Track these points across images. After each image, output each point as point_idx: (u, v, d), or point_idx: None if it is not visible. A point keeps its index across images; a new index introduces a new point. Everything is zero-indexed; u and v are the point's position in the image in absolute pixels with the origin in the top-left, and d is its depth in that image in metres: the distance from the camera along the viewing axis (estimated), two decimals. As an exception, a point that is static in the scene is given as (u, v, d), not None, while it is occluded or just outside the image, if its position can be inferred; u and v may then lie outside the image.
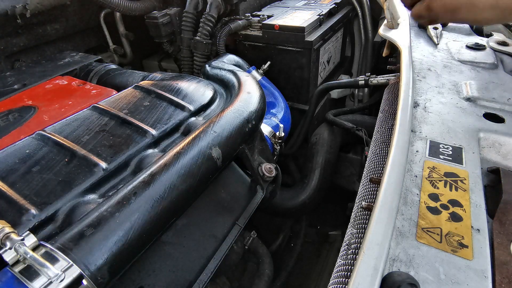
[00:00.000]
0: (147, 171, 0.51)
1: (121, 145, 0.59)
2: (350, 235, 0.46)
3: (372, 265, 0.36)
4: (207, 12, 1.15)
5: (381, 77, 0.99)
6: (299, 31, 1.11)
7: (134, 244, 0.44)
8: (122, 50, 1.39)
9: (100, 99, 0.74)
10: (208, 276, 0.57)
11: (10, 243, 0.37)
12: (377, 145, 0.61)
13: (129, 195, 0.46)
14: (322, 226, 1.21)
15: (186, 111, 0.71)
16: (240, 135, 0.65)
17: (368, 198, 0.50)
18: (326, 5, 1.35)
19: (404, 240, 0.40)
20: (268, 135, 1.00)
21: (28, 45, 1.10)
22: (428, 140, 0.55)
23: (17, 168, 0.53)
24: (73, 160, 0.55)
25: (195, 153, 0.55)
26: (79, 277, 0.38)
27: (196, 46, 1.16)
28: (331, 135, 1.06)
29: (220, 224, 0.64)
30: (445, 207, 0.43)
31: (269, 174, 0.74)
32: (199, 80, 0.82)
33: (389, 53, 1.00)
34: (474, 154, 0.52)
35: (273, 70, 1.22)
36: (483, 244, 0.39)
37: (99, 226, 0.42)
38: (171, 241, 0.56)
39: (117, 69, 0.97)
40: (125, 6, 1.17)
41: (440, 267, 0.37)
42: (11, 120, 0.70)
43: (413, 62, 0.78)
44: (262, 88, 0.79)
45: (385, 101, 0.77)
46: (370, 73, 1.03)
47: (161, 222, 0.48)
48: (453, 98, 0.65)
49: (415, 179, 0.48)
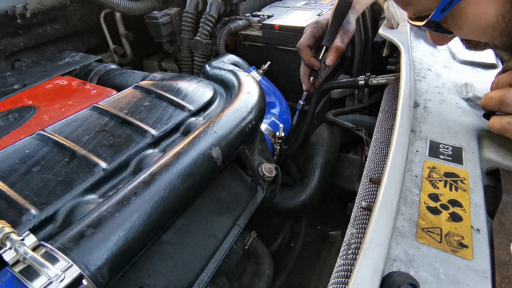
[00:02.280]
0: (147, 171, 0.51)
1: (121, 145, 0.59)
2: (350, 235, 0.46)
3: (372, 265, 0.36)
4: (207, 12, 1.15)
5: (381, 77, 0.99)
6: (299, 31, 1.11)
7: (134, 244, 0.44)
8: (122, 50, 1.39)
9: (100, 99, 0.74)
10: (208, 276, 0.57)
11: (10, 243, 0.37)
12: (377, 145, 0.61)
13: (129, 195, 0.46)
14: (322, 226, 1.20)
15: (186, 111, 0.71)
16: (240, 135, 0.65)
17: (368, 198, 0.50)
18: (326, 5, 1.35)
19: (404, 240, 0.40)
20: (268, 135, 1.00)
21: (28, 45, 1.10)
22: (428, 140, 0.55)
23: (17, 168, 0.53)
24: (73, 160, 0.55)
25: (195, 153, 0.55)
26: (79, 277, 0.38)
27: (196, 46, 1.16)
28: (331, 135, 1.06)
29: (220, 224, 0.64)
30: (445, 207, 0.43)
31: (269, 174, 0.74)
32: (199, 80, 0.82)
33: (389, 53, 1.00)
34: (474, 154, 0.52)
35: (273, 70, 1.22)
36: (483, 244, 0.39)
37: (99, 226, 0.42)
38: (171, 241, 0.56)
39: (117, 69, 0.97)
40: (125, 6, 1.17)
41: (440, 267, 0.37)
42: (11, 120, 0.70)
43: (413, 62, 0.78)
44: (262, 88, 0.79)
45: (385, 101, 0.77)
46: (370, 73, 1.03)
47: (161, 222, 0.48)
48: (453, 98, 0.65)
49: (415, 179, 0.48)
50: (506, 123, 0.48)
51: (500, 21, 0.44)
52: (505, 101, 0.48)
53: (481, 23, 0.46)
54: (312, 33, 0.94)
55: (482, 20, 0.45)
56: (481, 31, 0.47)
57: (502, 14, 0.43)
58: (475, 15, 0.45)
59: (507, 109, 0.49)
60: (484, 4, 0.44)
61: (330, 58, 0.91)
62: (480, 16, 0.45)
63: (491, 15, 0.44)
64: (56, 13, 1.13)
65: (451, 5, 0.44)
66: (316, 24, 0.95)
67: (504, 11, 0.43)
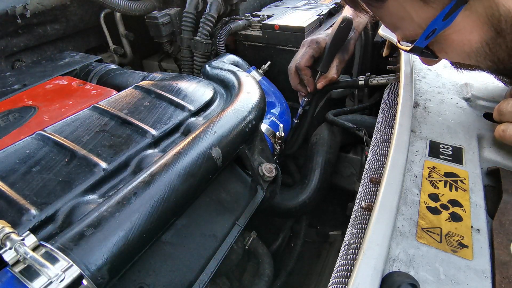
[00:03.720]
0: (147, 171, 0.51)
1: (121, 145, 0.59)
2: (350, 235, 0.46)
3: (372, 265, 0.36)
4: (207, 12, 1.15)
5: (381, 77, 0.99)
6: (299, 31, 1.11)
7: (134, 244, 0.44)
8: (122, 50, 1.39)
9: (100, 99, 0.74)
10: (208, 276, 0.57)
11: (10, 243, 0.37)
12: (377, 145, 0.61)
13: (129, 195, 0.46)
14: (322, 226, 1.20)
15: (186, 111, 0.71)
16: (240, 135, 0.65)
17: (368, 198, 0.50)
18: (326, 5, 1.35)
19: (404, 240, 0.40)
20: (268, 135, 1.00)
21: (28, 45, 1.10)
22: (428, 140, 0.55)
23: (17, 168, 0.53)
24: (73, 160, 0.55)
25: (195, 153, 0.55)
26: (79, 277, 0.38)
27: (196, 46, 1.16)
28: (331, 135, 1.06)
29: (220, 224, 0.64)
30: (445, 207, 0.43)
31: (269, 174, 0.74)
32: (199, 80, 0.82)
33: (389, 53, 1.00)
34: (474, 154, 0.52)
35: (273, 70, 1.22)
36: (483, 244, 0.39)
37: (99, 226, 0.42)
38: (171, 241, 0.56)
39: (117, 69, 0.97)
40: (125, 6, 1.17)
41: (440, 267, 0.37)
42: (11, 120, 0.70)
43: (413, 62, 0.78)
44: (262, 88, 0.79)
45: (385, 101, 0.77)
46: (370, 73, 1.03)
47: (161, 222, 0.48)
48: (453, 98, 0.65)
49: (415, 179, 0.48)
50: (501, 130, 0.50)
51: (484, 47, 0.45)
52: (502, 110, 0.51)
53: (466, 49, 0.47)
54: (312, 53, 0.96)
55: (466, 46, 0.46)
56: (466, 55, 0.48)
57: (485, 40, 0.45)
58: (459, 41, 0.46)
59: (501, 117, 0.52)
60: (467, 31, 0.45)
61: (321, 83, 1.00)
62: (464, 42, 0.46)
63: (474, 41, 0.45)
64: (56, 13, 1.13)
65: (435, 33, 0.46)
66: (316, 45, 0.96)
67: (488, 38, 0.44)
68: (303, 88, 1.03)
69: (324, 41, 0.96)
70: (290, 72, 1.02)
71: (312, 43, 0.97)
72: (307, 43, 0.99)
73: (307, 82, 1.00)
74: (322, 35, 0.98)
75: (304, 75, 0.99)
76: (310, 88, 1.01)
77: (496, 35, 0.44)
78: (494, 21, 0.43)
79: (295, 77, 1.02)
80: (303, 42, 1.01)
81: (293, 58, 1.02)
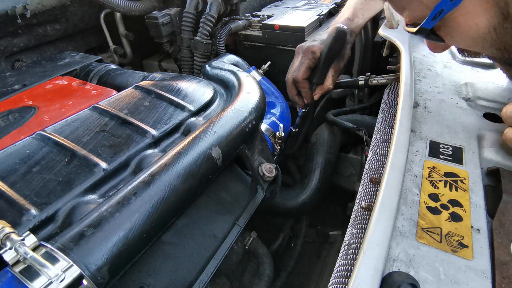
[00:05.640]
0: (147, 171, 0.51)
1: (121, 145, 0.59)
2: (350, 235, 0.46)
3: (372, 265, 0.36)
4: (207, 12, 1.15)
5: (381, 77, 0.99)
6: (299, 31, 1.11)
7: (134, 244, 0.44)
8: (122, 50, 1.39)
9: (100, 99, 0.74)
10: (208, 276, 0.57)
11: (10, 243, 0.37)
12: (377, 145, 0.61)
13: (129, 195, 0.46)
14: (322, 226, 1.20)
15: (186, 111, 0.71)
16: (240, 135, 0.65)
17: (368, 198, 0.50)
18: (326, 5, 1.35)
19: (404, 240, 0.40)
20: (268, 135, 1.00)
21: (28, 45, 1.10)
22: (428, 140, 0.55)
23: (17, 168, 0.53)
24: (73, 160, 0.55)
25: (195, 153, 0.55)
26: (79, 277, 0.38)
27: (196, 46, 1.16)
28: (331, 135, 1.06)
29: (220, 224, 0.64)
30: (445, 207, 0.43)
31: (269, 174, 0.74)
32: (199, 80, 0.82)
33: (389, 53, 1.00)
34: (474, 154, 0.52)
35: (273, 70, 1.22)
36: (483, 244, 0.39)
37: (99, 226, 0.42)
38: (171, 241, 0.56)
39: (117, 69, 0.97)
40: (125, 6, 1.17)
41: (440, 267, 0.37)
42: (11, 120, 0.70)
43: (413, 62, 0.78)
44: (262, 88, 0.79)
45: (385, 101, 0.77)
46: (370, 73, 1.03)
47: (161, 222, 0.48)
48: (453, 98, 0.65)
49: (415, 179, 0.48)
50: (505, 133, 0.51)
51: (491, 32, 0.45)
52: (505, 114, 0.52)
53: (472, 33, 0.46)
54: (308, 65, 0.95)
55: (472, 31, 0.46)
56: (472, 41, 0.47)
57: (493, 25, 0.44)
58: (466, 25, 0.46)
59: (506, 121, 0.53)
60: (476, 14, 0.44)
61: (318, 95, 1.01)
62: (471, 26, 0.45)
63: (482, 26, 0.45)
64: (56, 13, 1.13)
65: (442, 14, 0.45)
66: (311, 55, 0.95)
67: (496, 23, 0.44)
68: (300, 100, 1.02)
69: (319, 50, 0.95)
70: (288, 83, 1.01)
71: (308, 52, 0.95)
72: (302, 51, 0.97)
73: (305, 95, 1.00)
74: (317, 42, 0.96)
75: (302, 88, 0.98)
76: (307, 100, 1.01)
77: (503, 19, 0.43)
78: (501, 4, 0.42)
79: (293, 89, 1.01)
80: (298, 49, 0.99)
81: (290, 68, 1.00)
